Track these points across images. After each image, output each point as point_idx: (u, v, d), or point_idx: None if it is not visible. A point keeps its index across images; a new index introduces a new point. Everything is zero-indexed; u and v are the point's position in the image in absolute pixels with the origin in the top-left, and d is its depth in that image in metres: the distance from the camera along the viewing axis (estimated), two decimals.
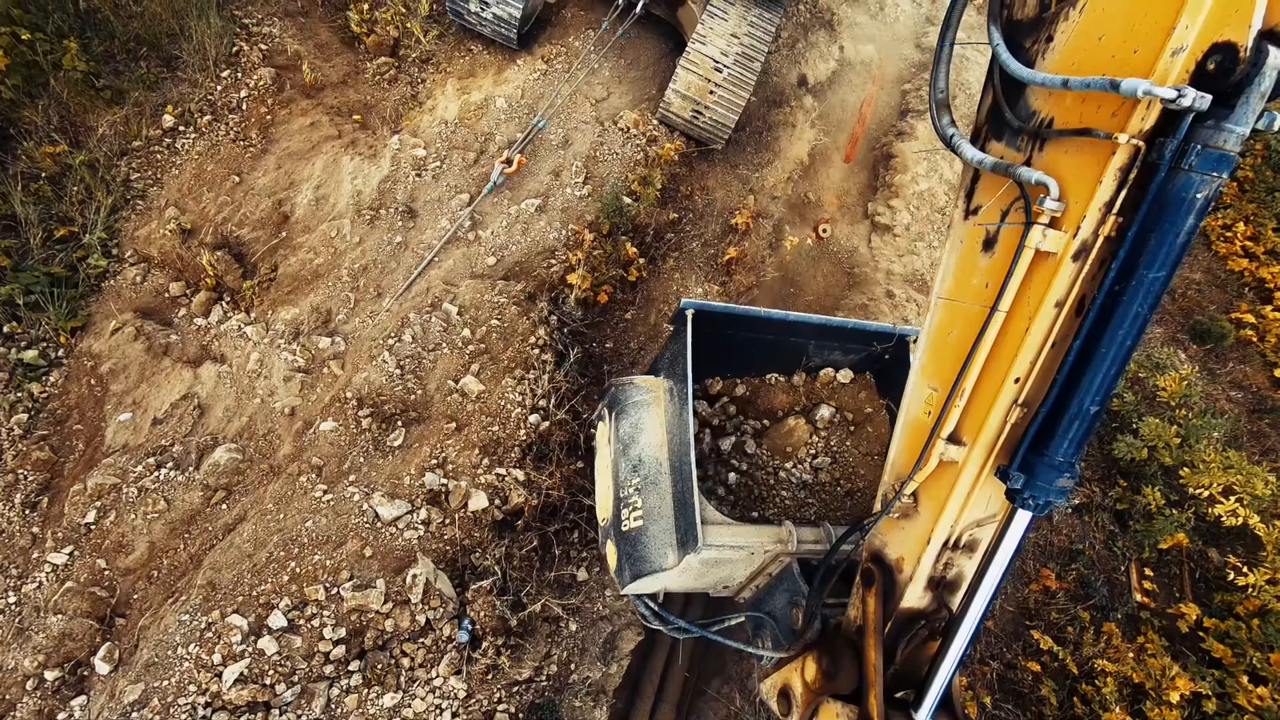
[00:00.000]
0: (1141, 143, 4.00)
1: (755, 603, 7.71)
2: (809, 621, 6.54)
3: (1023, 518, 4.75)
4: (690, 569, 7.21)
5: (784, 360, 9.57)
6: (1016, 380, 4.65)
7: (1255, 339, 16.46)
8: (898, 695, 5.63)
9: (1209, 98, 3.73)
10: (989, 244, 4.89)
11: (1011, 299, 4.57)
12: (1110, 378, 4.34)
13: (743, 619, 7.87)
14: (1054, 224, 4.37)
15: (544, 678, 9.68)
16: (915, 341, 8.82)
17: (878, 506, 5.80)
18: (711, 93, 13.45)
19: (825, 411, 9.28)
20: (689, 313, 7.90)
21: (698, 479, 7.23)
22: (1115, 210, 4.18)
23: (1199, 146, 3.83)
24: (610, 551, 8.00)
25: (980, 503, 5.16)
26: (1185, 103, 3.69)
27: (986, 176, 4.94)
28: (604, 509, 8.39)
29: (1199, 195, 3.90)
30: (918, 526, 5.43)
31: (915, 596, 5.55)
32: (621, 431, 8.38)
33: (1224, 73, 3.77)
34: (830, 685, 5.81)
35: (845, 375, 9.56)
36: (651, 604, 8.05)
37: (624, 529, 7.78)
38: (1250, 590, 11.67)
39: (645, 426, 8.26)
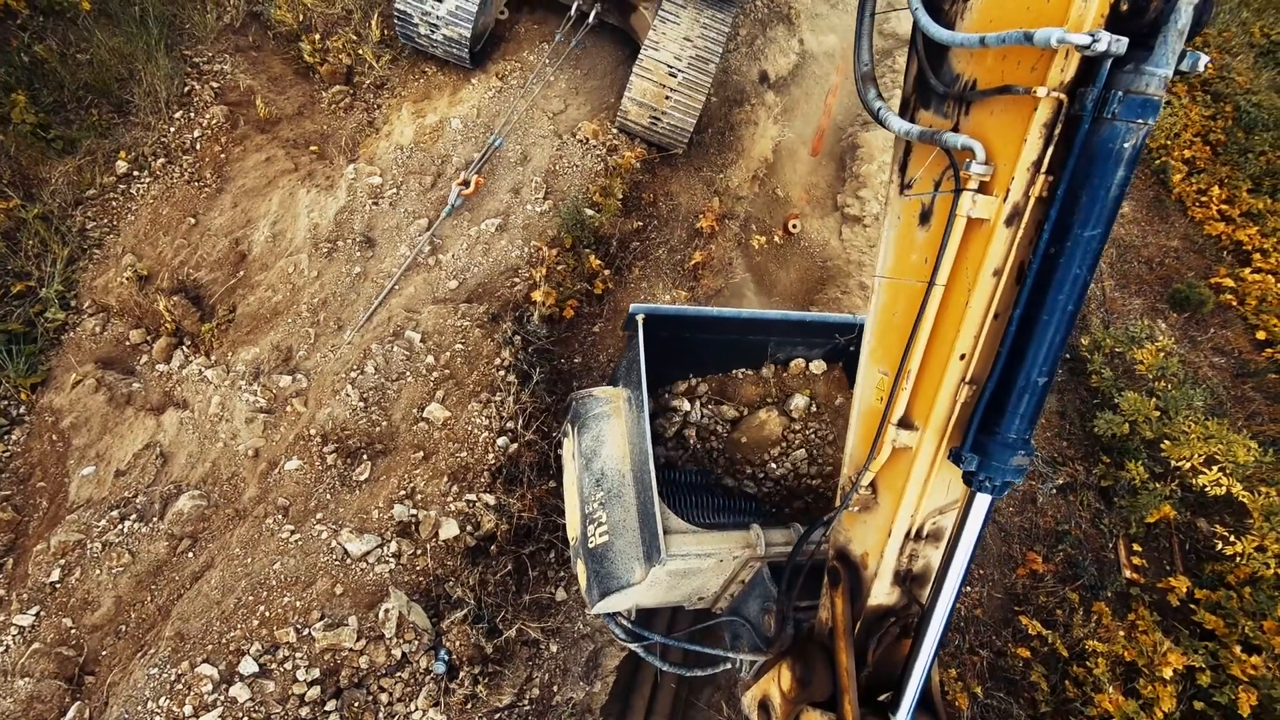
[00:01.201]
0: (1063, 95, 3.86)
1: (732, 612, 7.50)
2: (780, 626, 6.34)
3: (982, 501, 4.56)
4: (659, 582, 7.00)
5: (747, 359, 9.36)
6: (962, 357, 4.48)
7: (1235, 303, 16.37)
8: (880, 699, 5.40)
9: (1125, 40, 3.58)
10: (925, 217, 4.73)
11: (949, 271, 4.42)
12: (1055, 346, 4.18)
13: (722, 628, 7.68)
14: (984, 189, 4.22)
15: (526, 702, 9.48)
16: None
17: (839, 502, 5.59)
18: (667, 98, 13.31)
19: (799, 401, 9.04)
20: (639, 318, 7.72)
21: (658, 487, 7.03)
22: (1044, 169, 4.03)
23: (1120, 93, 3.67)
24: (580, 570, 7.81)
25: (940, 489, 4.98)
26: (1100, 48, 3.54)
27: (917, 148, 4.79)
28: (573, 526, 8.20)
29: (1126, 145, 3.75)
30: (878, 519, 5.25)
31: (883, 592, 5.35)
32: (584, 446, 8.20)
33: (1137, 12, 3.62)
34: (805, 693, 5.59)
35: (818, 366, 9.32)
36: (625, 621, 7.84)
37: (591, 546, 7.59)
38: (1239, 559, 11.54)
39: (606, 439, 8.08)
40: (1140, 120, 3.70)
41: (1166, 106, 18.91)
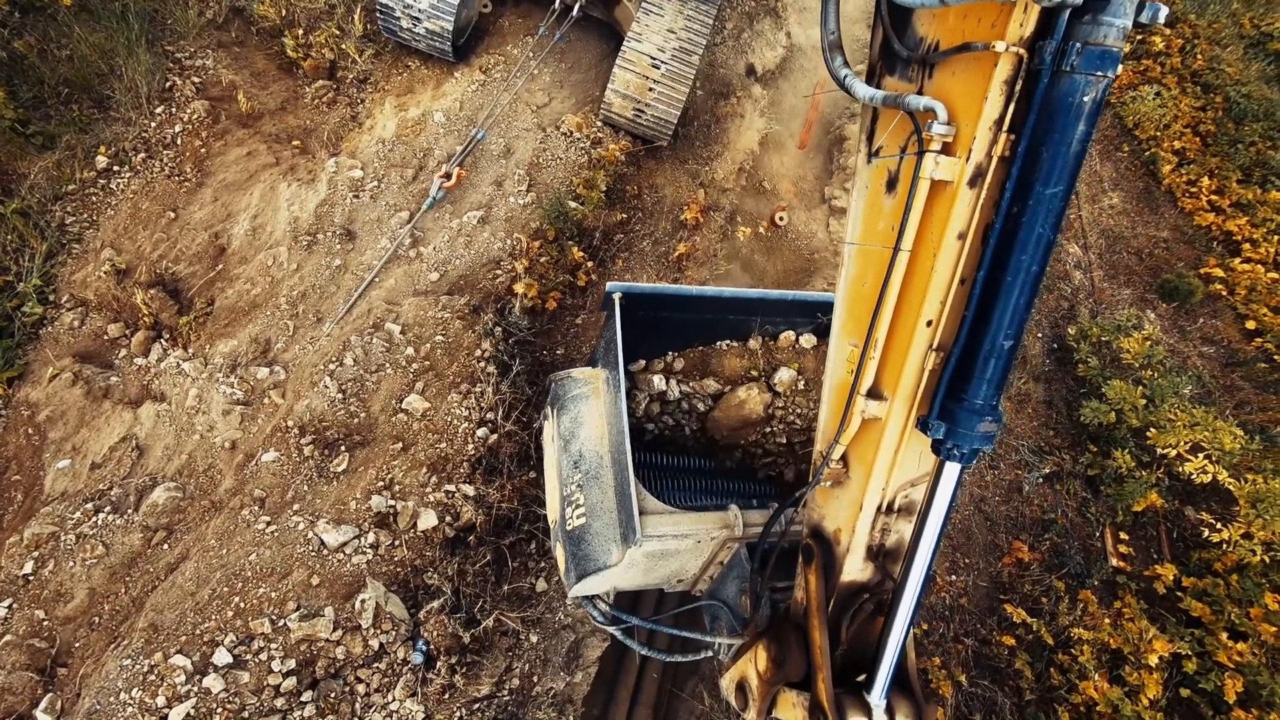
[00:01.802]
0: (1023, 50, 3.80)
1: (711, 595, 7.42)
2: (755, 605, 6.27)
3: (951, 471, 4.49)
4: (636, 564, 6.93)
5: (727, 337, 9.28)
6: (929, 323, 4.42)
7: (1225, 293, 16.35)
8: (858, 680, 5.32)
9: None
10: (891, 185, 4.66)
11: (914, 235, 4.36)
12: (1020, 308, 4.12)
13: (701, 611, 7.59)
14: (947, 150, 4.15)
15: (505, 693, 9.39)
16: None
17: (811, 478, 5.52)
18: (651, 90, 13.24)
19: (785, 374, 8.92)
20: (616, 297, 7.64)
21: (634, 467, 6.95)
22: (1005, 127, 3.97)
23: (1079, 45, 3.62)
24: (559, 553, 7.72)
25: (911, 461, 4.91)
26: None
27: (884, 115, 4.73)
28: (552, 510, 8.13)
29: (1086, 98, 3.69)
30: (850, 493, 5.18)
31: (855, 568, 5.28)
32: (563, 428, 8.12)
33: None
34: (781, 674, 5.51)
35: (808, 340, 9.21)
36: (602, 604, 7.74)
37: (569, 528, 7.50)
38: (1226, 546, 11.48)
39: (585, 420, 8.00)
40: (1099, 73, 3.64)
41: (1156, 99, 18.89)
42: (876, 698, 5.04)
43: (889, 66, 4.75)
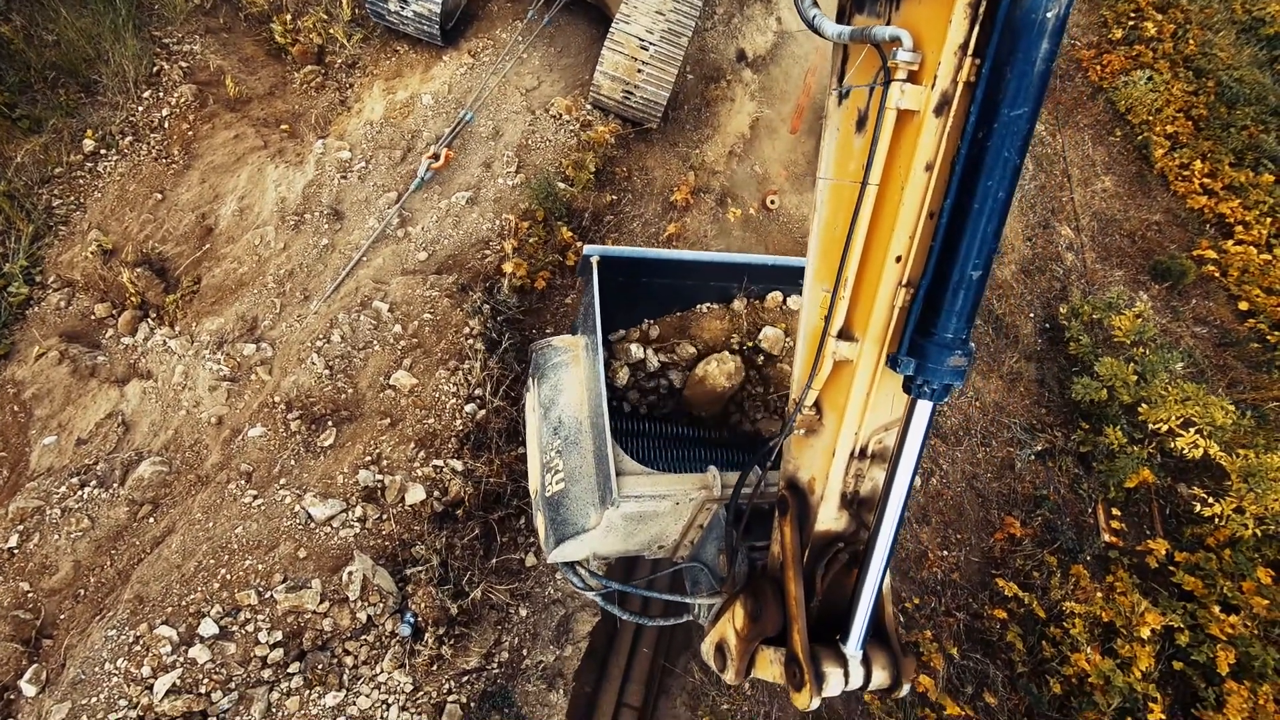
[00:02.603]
0: None
1: (692, 559, 7.36)
2: (730, 561, 6.23)
3: (924, 409, 4.47)
4: (615, 527, 6.87)
5: (710, 303, 9.20)
6: (898, 259, 4.41)
7: (1218, 274, 16.35)
8: (836, 638, 5.27)
9: None
10: (861, 123, 4.65)
11: (881, 168, 4.33)
12: (989, 237, 4.10)
13: (683, 576, 7.54)
14: (913, 79, 4.14)
15: (495, 665, 9.37)
16: None
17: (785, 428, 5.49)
18: (640, 71, 13.19)
19: (771, 331, 8.81)
20: (594, 260, 7.59)
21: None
22: (970, 51, 3.95)
23: None
24: (539, 521, 7.66)
25: (884, 405, 4.91)
26: None
27: (853, 52, 4.71)
28: (533, 479, 8.07)
29: (1049, 15, 3.68)
30: (823, 440, 5.16)
31: (830, 517, 5.25)
32: (543, 395, 8.08)
33: None
34: (758, 628, 5.49)
35: (796, 302, 9.05)
36: (581, 569, 7.68)
37: (548, 495, 7.46)
38: (1217, 520, 11.46)
39: (564, 386, 7.95)
40: None
41: (1148, 83, 18.90)
42: (852, 648, 5.01)
43: (858, 4, 4.75)
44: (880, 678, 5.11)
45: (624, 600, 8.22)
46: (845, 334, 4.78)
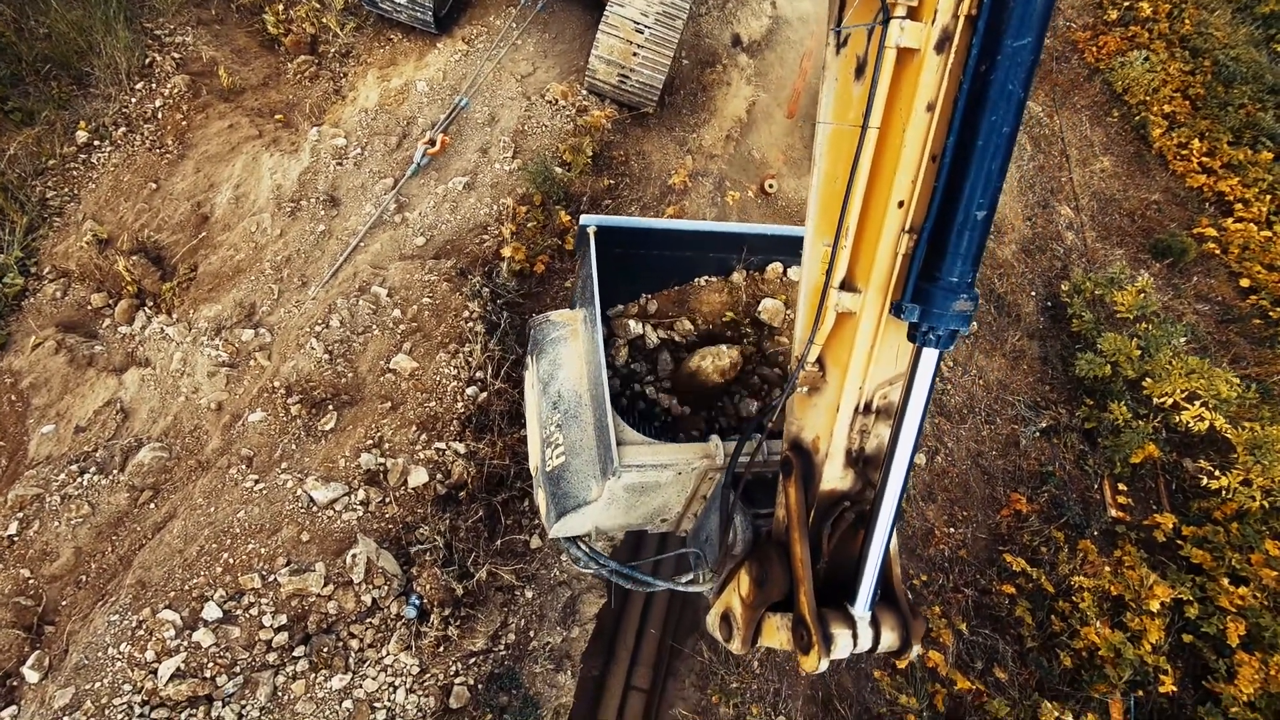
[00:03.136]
0: None
1: (695, 533, 7.25)
2: (725, 527, 6.11)
3: (929, 358, 4.35)
4: (617, 499, 6.76)
5: (709, 275, 9.06)
6: (900, 204, 4.30)
7: (1218, 251, 16.32)
8: (844, 603, 5.17)
9: None
10: (860, 70, 4.54)
11: (881, 111, 4.24)
12: (994, 174, 3.99)
13: (686, 551, 7.43)
14: (913, 16, 4.04)
15: (502, 647, 9.30)
16: None
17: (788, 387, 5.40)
18: (635, 54, 13.11)
19: (771, 304, 8.64)
20: (591, 230, 7.50)
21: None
22: None
23: None
24: (540, 498, 7.54)
25: (888, 358, 4.79)
26: None
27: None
28: (534, 456, 7.95)
29: None
30: (827, 396, 5.04)
31: (835, 475, 5.14)
32: (542, 371, 7.97)
33: None
34: (763, 595, 5.36)
35: (796, 272, 8.87)
36: (583, 545, 7.58)
37: (548, 469, 7.34)
38: (1224, 493, 11.42)
39: (563, 361, 7.84)
40: None
41: (1145, 64, 18.89)
42: (861, 609, 4.88)
43: None
44: (889, 639, 5.00)
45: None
46: (847, 285, 4.68)
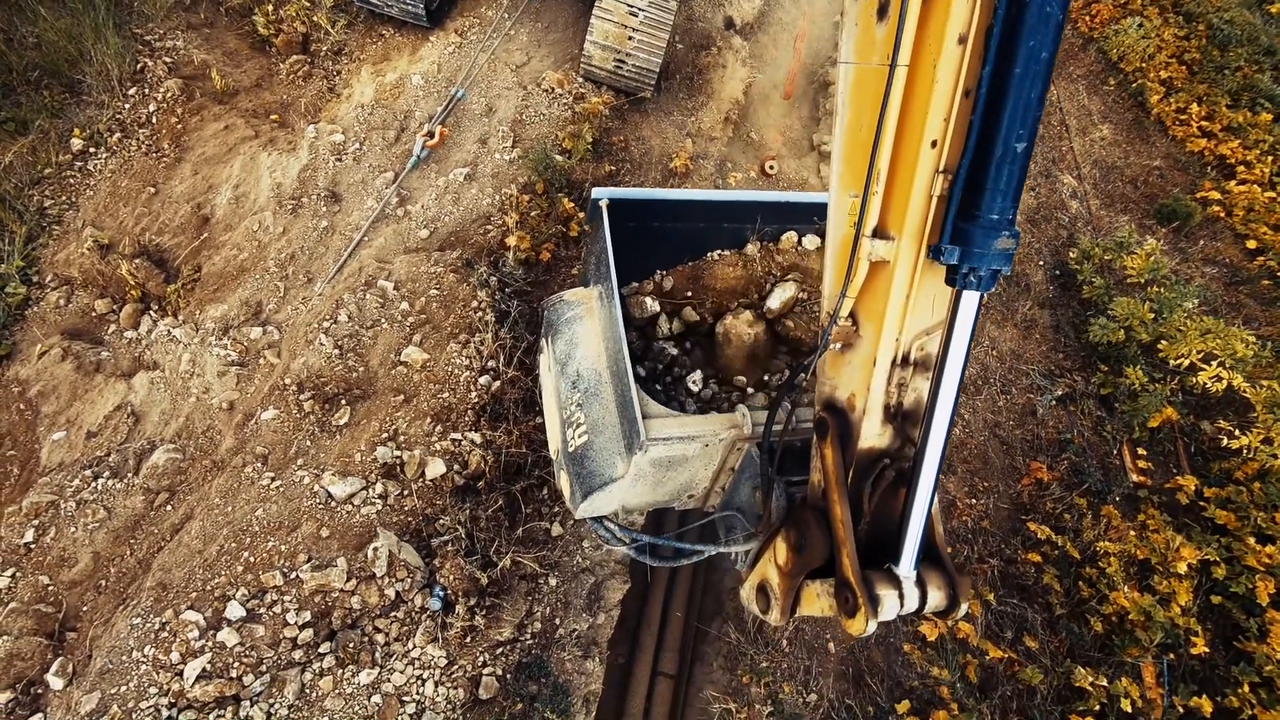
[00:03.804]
0: None
1: (724, 506, 7.13)
2: (766, 495, 5.99)
3: (970, 301, 4.19)
4: (644, 474, 6.62)
5: (723, 247, 8.85)
6: (933, 144, 4.15)
7: (1223, 214, 16.25)
8: (885, 566, 5.04)
9: None
10: (883, 10, 4.38)
11: (910, 47, 4.09)
12: (1033, 103, 3.84)
13: (716, 526, 7.30)
14: None
15: (529, 636, 9.22)
16: None
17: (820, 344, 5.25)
18: (630, 38, 13.01)
19: (781, 294, 8.47)
20: (603, 203, 7.35)
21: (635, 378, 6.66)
22: None
23: None
24: (563, 480, 7.40)
25: (924, 308, 4.64)
26: None
27: None
28: (553, 439, 7.80)
29: None
30: (862, 352, 4.90)
31: (873, 432, 5.00)
32: (558, 352, 7.83)
33: None
34: (802, 561, 5.21)
35: (811, 241, 8.70)
36: (610, 524, 7.46)
37: (571, 450, 7.20)
38: (1246, 453, 11.33)
39: (580, 340, 7.69)
40: None
41: (1139, 30, 18.82)
42: (906, 569, 4.75)
43: None
44: (936, 598, 4.87)
45: (654, 550, 7.94)
46: (880, 233, 4.54)
